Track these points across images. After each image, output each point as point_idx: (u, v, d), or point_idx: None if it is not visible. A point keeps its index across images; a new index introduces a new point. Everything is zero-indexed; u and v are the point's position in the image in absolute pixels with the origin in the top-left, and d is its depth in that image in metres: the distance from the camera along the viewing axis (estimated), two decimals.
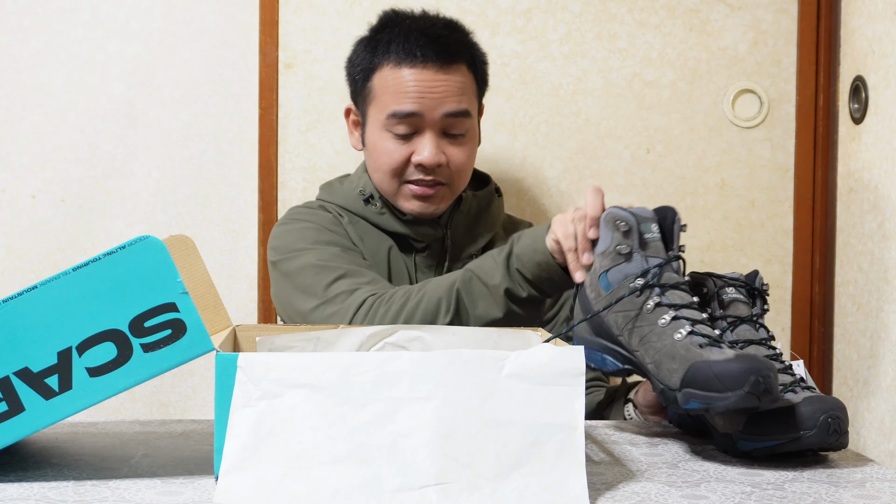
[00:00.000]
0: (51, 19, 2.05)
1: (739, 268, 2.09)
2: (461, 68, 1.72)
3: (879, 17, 1.86)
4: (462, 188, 1.77)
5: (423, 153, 1.69)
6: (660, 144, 2.10)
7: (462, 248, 1.79)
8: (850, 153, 1.98)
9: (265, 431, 1.10)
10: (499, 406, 1.11)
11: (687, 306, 1.30)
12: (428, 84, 1.69)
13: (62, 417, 1.16)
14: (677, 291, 1.32)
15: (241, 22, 2.06)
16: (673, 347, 1.27)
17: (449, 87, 1.70)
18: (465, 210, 1.78)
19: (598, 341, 1.38)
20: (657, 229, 1.34)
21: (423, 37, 1.70)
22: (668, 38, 2.09)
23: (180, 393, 2.11)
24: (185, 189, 2.07)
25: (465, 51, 1.74)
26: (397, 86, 1.69)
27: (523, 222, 1.92)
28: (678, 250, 1.35)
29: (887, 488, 1.21)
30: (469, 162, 1.75)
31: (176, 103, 2.06)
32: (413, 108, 1.69)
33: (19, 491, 1.15)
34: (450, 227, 1.78)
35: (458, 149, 1.72)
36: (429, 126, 1.70)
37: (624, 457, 1.32)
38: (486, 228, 1.81)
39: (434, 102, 1.69)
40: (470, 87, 1.74)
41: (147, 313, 1.14)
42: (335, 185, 1.84)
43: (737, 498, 1.15)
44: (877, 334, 1.84)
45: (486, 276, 1.53)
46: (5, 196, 2.06)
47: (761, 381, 1.20)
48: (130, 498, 1.13)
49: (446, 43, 1.71)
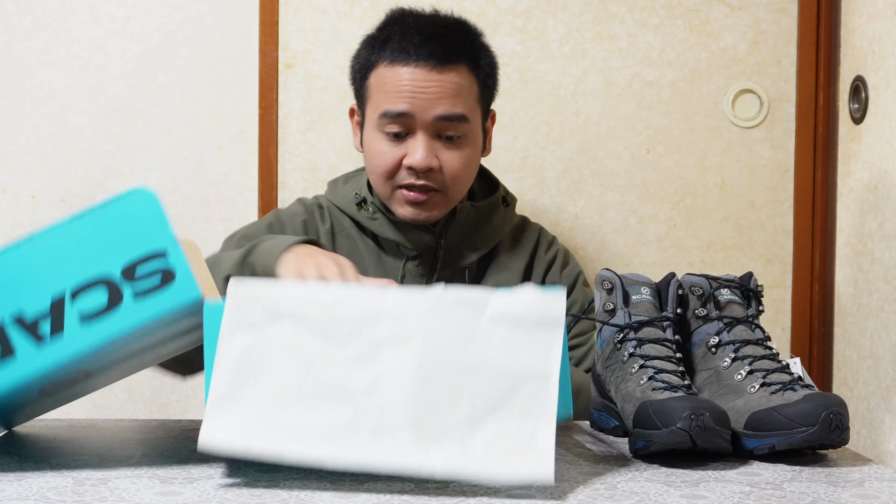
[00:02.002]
0: (51, 19, 2.05)
1: (739, 268, 2.09)
2: (459, 69, 1.65)
3: (879, 17, 1.86)
4: (459, 196, 1.70)
5: (413, 155, 1.64)
6: (660, 144, 2.10)
7: (456, 259, 1.73)
8: (850, 153, 1.98)
9: (250, 364, 1.13)
10: (477, 350, 1.13)
11: (661, 358, 1.35)
12: (420, 84, 1.63)
13: (52, 365, 1.18)
14: (656, 345, 1.37)
15: (241, 22, 2.06)
16: (633, 392, 1.33)
17: (443, 88, 1.64)
18: (462, 220, 1.73)
19: (599, 400, 1.45)
20: (648, 293, 1.40)
21: (418, 35, 1.64)
22: (668, 38, 2.09)
23: (180, 393, 2.11)
24: (185, 189, 2.07)
25: (465, 52, 1.67)
26: (390, 84, 1.64)
27: (534, 228, 1.85)
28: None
29: (886, 488, 1.21)
30: (465, 169, 1.68)
31: (176, 103, 2.06)
32: (404, 108, 1.64)
33: (19, 491, 1.15)
34: (444, 237, 1.72)
35: (453, 154, 1.66)
36: (421, 128, 1.64)
37: (623, 456, 1.32)
38: (484, 241, 1.75)
39: (426, 103, 1.63)
40: (468, 90, 1.67)
41: (139, 260, 1.17)
42: (339, 183, 1.81)
43: (735, 498, 1.15)
44: (877, 334, 1.84)
45: (225, 259, 1.53)
46: (5, 196, 2.06)
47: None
48: (130, 498, 1.13)
49: (443, 42, 1.65)
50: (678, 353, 1.37)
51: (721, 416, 1.26)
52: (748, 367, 1.35)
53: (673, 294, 1.41)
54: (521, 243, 1.80)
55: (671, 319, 1.39)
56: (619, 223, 2.09)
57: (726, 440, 1.27)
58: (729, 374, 1.37)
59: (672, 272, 1.44)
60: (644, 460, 1.30)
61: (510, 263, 1.78)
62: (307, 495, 1.14)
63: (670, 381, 1.31)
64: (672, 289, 1.41)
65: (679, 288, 1.42)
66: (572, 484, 1.20)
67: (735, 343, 1.38)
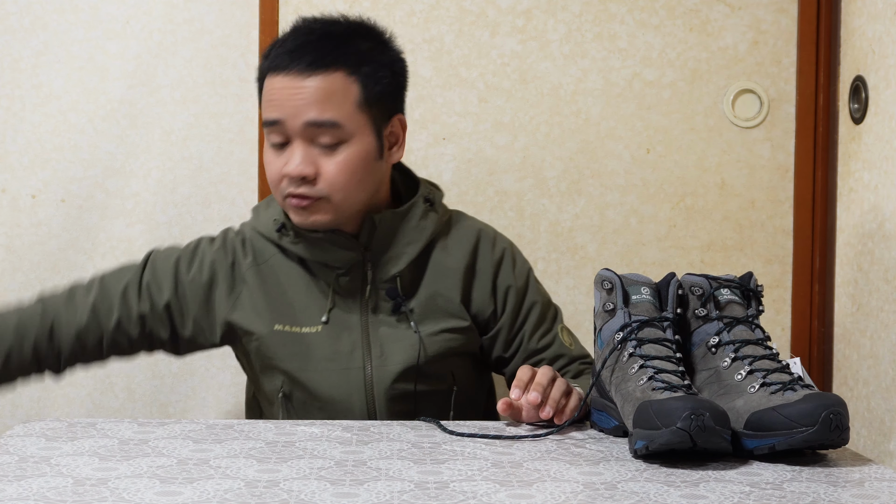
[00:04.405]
0: (51, 19, 2.05)
1: (739, 268, 2.09)
2: (333, 75, 1.58)
3: (879, 17, 1.86)
4: (350, 203, 1.62)
5: (288, 164, 1.59)
6: (660, 144, 2.10)
7: (386, 269, 1.67)
8: (850, 153, 1.98)
9: None
10: None
11: (661, 358, 1.35)
12: (288, 91, 1.59)
13: None
14: (656, 345, 1.37)
15: (241, 22, 2.06)
16: (633, 392, 1.33)
17: (311, 94, 1.58)
18: (381, 229, 1.66)
19: (599, 400, 1.45)
20: (648, 293, 1.41)
21: (293, 42, 1.61)
22: (668, 38, 2.09)
23: (180, 393, 2.11)
24: (185, 189, 2.07)
25: (339, 57, 1.60)
26: (267, 94, 1.62)
27: (471, 228, 1.74)
28: (673, 312, 1.41)
29: (886, 488, 1.21)
30: (345, 175, 1.60)
31: (176, 103, 2.06)
32: (275, 116, 1.60)
33: (18, 491, 1.15)
34: (368, 249, 1.66)
35: (330, 160, 1.59)
36: (294, 135, 1.60)
37: (623, 457, 1.32)
38: (409, 244, 1.67)
39: (293, 110, 1.58)
40: (344, 95, 1.59)
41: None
42: (261, 209, 1.74)
43: (735, 497, 1.15)
44: (877, 334, 1.84)
45: None
46: (5, 196, 2.06)
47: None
48: (130, 498, 1.13)
49: (313, 49, 1.60)
50: (678, 353, 1.37)
51: (721, 416, 1.26)
52: (748, 367, 1.35)
53: (673, 294, 1.41)
54: (458, 242, 1.72)
55: (671, 319, 1.39)
56: (619, 223, 2.09)
57: (726, 440, 1.27)
58: (729, 374, 1.37)
59: (672, 272, 1.44)
60: (644, 460, 1.30)
61: (449, 265, 1.70)
62: (307, 495, 1.14)
63: (670, 381, 1.31)
64: (672, 289, 1.41)
65: (679, 288, 1.42)
66: (572, 484, 1.20)
67: (735, 343, 1.38)
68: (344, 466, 1.27)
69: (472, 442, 1.40)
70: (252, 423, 1.49)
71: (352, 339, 1.65)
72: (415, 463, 1.29)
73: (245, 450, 1.34)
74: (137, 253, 2.05)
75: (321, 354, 1.65)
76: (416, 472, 1.25)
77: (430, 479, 1.21)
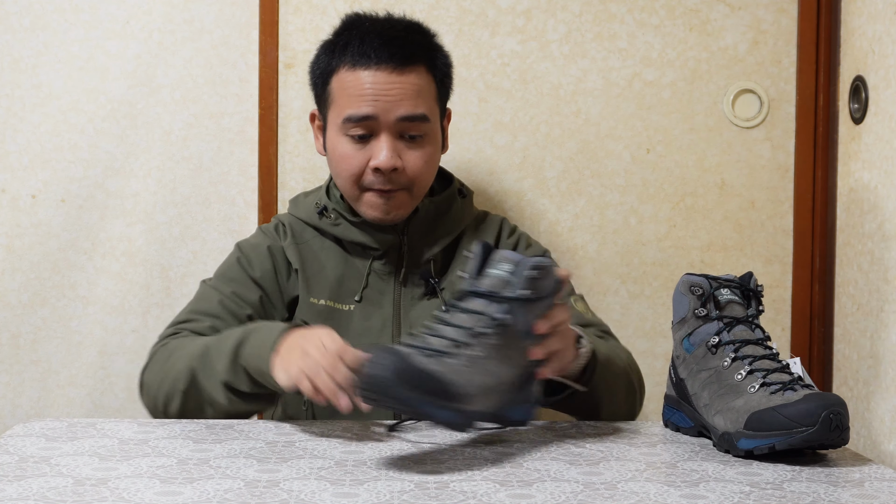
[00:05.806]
0: (51, 19, 2.05)
1: (739, 268, 2.09)
2: (419, 70, 1.69)
3: (879, 17, 1.86)
4: (422, 194, 1.74)
5: (378, 157, 1.67)
6: (660, 144, 2.10)
7: (420, 253, 1.76)
8: (850, 153, 1.98)
9: None
10: None
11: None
12: (382, 86, 1.67)
13: None
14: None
15: (241, 22, 2.06)
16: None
17: (404, 89, 1.67)
18: (423, 215, 1.76)
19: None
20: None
21: (378, 39, 1.68)
22: (668, 38, 2.09)
23: None
24: (185, 189, 2.07)
25: (424, 53, 1.72)
26: (352, 88, 1.68)
27: (495, 219, 1.87)
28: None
29: (886, 488, 1.21)
30: (427, 167, 1.72)
31: (176, 103, 2.06)
32: (368, 111, 1.67)
33: (18, 491, 1.15)
34: (406, 234, 1.75)
35: (416, 153, 1.70)
36: (384, 129, 1.68)
37: (623, 456, 1.32)
38: (445, 233, 1.78)
39: (389, 105, 1.67)
40: (428, 90, 1.71)
41: None
42: (300, 199, 1.84)
43: (735, 498, 1.15)
44: (877, 334, 1.84)
45: (215, 359, 1.53)
46: (5, 196, 2.06)
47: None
48: (130, 498, 1.13)
49: (402, 45, 1.69)
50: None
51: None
52: (748, 367, 1.35)
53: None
54: (483, 233, 1.83)
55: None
56: (619, 223, 2.09)
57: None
58: (729, 373, 1.37)
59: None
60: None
61: None
62: (307, 495, 1.15)
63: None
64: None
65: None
66: (572, 484, 1.21)
67: (735, 343, 1.38)
68: (344, 466, 1.27)
69: (472, 442, 1.40)
70: (252, 423, 1.49)
71: (383, 317, 1.73)
72: (415, 463, 1.29)
73: (245, 450, 1.34)
74: (137, 253, 2.05)
75: (353, 331, 1.71)
76: (416, 472, 1.25)
77: (430, 479, 1.21)
